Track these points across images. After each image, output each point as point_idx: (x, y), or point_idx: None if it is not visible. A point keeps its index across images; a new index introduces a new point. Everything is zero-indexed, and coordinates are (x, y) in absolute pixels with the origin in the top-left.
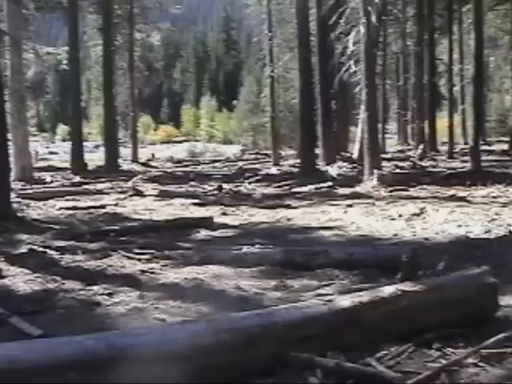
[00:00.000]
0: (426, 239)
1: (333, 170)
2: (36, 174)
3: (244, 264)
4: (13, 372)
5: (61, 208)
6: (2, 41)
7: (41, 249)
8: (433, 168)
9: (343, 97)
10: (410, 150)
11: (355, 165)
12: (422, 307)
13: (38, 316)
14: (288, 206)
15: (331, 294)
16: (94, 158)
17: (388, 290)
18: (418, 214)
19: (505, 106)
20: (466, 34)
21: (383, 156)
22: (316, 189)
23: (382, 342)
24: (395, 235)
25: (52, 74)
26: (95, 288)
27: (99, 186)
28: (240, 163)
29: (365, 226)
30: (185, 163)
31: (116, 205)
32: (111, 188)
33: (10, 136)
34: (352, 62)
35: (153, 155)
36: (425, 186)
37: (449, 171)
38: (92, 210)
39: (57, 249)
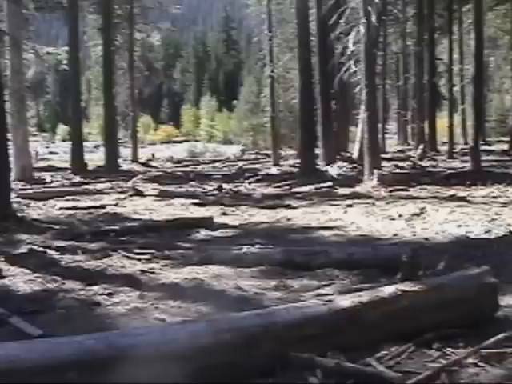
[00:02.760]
0: (426, 239)
1: (333, 170)
2: (36, 174)
3: (244, 264)
4: (13, 372)
5: (61, 208)
6: (2, 41)
7: (41, 249)
8: (433, 168)
9: (343, 97)
10: (410, 149)
11: (355, 165)
12: (422, 307)
13: (38, 316)
14: (288, 206)
15: (331, 294)
16: (94, 157)
17: (388, 290)
18: (418, 214)
19: (505, 105)
20: (466, 34)
21: (383, 156)
22: (316, 189)
23: (382, 342)
24: (395, 235)
25: (52, 73)
26: (95, 288)
27: (99, 186)
28: (240, 163)
29: (365, 226)
30: (185, 163)
31: (116, 205)
32: (111, 188)
33: (10, 136)
34: (352, 62)
35: (153, 155)
36: (425, 186)
37: (449, 171)
38: (92, 210)
39: (57, 249)
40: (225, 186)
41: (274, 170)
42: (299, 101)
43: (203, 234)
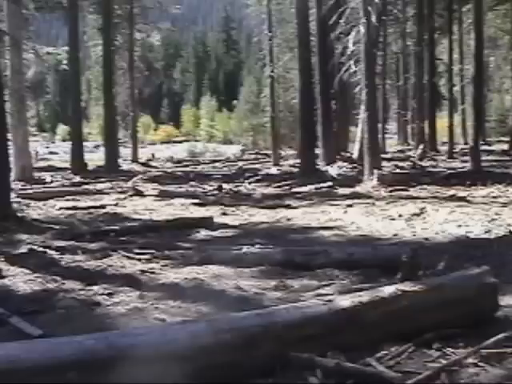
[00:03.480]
0: (426, 239)
1: (333, 170)
2: (36, 174)
3: (244, 264)
4: (13, 372)
5: (61, 208)
6: (2, 41)
7: (41, 249)
8: (433, 168)
9: (343, 97)
10: (410, 149)
11: (355, 165)
12: (422, 307)
13: (38, 316)
14: (288, 206)
15: (331, 294)
16: (94, 157)
17: (388, 290)
18: (418, 214)
19: (505, 105)
20: (466, 34)
21: (383, 156)
22: (316, 189)
23: (382, 342)
24: (395, 235)
25: (52, 73)
26: (95, 288)
27: (99, 186)
28: (240, 163)
29: (365, 226)
30: (185, 163)
31: (116, 205)
32: (111, 188)
33: (10, 136)
34: (352, 62)
35: (153, 155)
36: (425, 186)
37: (449, 171)
38: (92, 210)
39: (57, 249)
40: (225, 185)
41: (274, 170)
42: (299, 101)
43: (203, 233)
